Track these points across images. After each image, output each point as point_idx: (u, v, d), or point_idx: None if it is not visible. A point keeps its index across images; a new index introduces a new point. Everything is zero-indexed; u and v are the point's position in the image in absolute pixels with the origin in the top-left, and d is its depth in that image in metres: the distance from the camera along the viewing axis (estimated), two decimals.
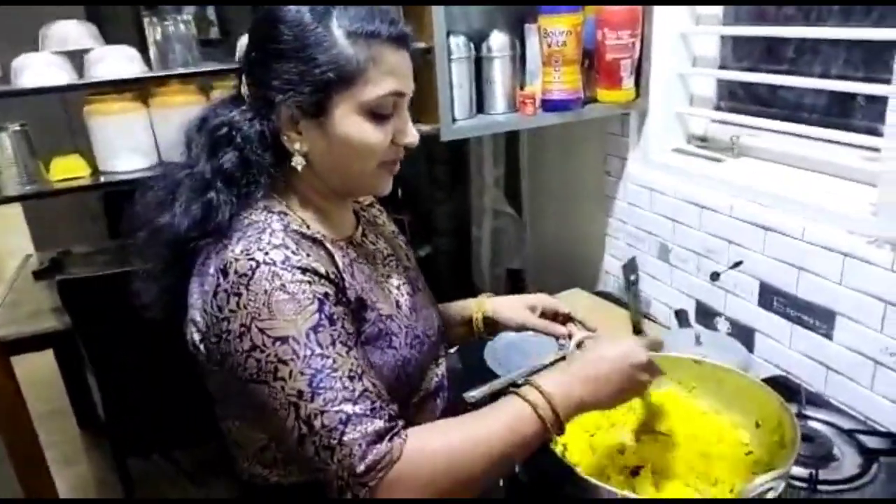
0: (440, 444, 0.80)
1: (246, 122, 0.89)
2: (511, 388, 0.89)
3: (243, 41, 1.56)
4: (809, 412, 1.22)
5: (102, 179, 1.42)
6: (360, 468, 0.75)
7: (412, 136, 0.92)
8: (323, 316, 0.80)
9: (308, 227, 0.90)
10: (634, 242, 1.83)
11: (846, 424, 1.20)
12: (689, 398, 1.13)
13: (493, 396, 1.30)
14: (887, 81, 1.25)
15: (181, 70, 1.42)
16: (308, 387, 0.77)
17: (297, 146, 0.88)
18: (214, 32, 2.77)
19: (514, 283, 2.42)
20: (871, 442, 1.14)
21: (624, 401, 0.93)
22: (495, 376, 1.38)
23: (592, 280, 2.04)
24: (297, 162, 0.89)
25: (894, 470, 1.09)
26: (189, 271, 0.88)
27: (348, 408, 0.77)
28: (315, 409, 0.76)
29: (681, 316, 1.65)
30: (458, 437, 0.81)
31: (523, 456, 0.84)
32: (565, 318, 1.17)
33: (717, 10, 1.61)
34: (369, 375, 0.82)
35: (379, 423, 0.77)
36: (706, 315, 1.62)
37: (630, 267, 1.11)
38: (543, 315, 1.17)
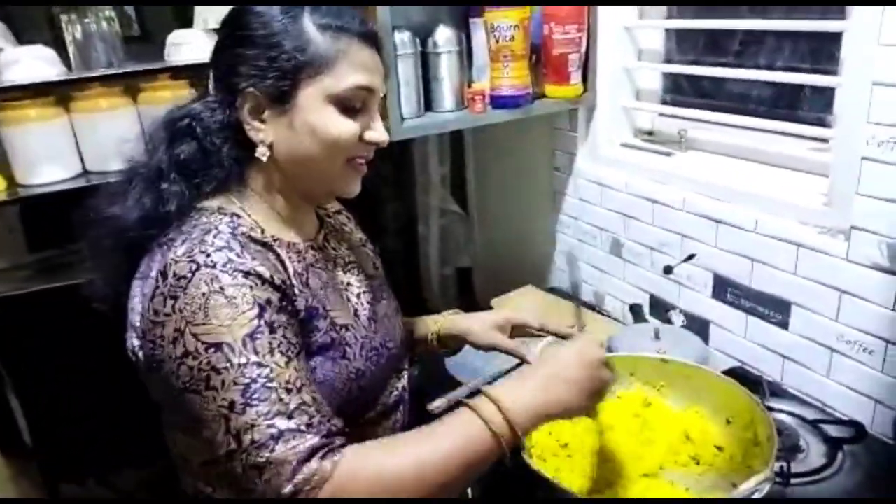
0: (381, 464, 0.75)
1: (208, 112, 0.88)
2: (463, 399, 0.83)
3: (171, 38, 1.46)
4: (772, 403, 1.23)
5: (21, 193, 1.30)
6: (287, 489, 0.70)
7: (382, 133, 0.90)
8: (262, 322, 0.76)
9: (262, 230, 0.87)
10: (586, 238, 1.82)
11: (806, 413, 1.22)
12: (657, 397, 1.12)
13: (458, 405, 1.27)
14: (834, 72, 1.27)
15: (105, 71, 1.30)
16: (241, 397, 0.72)
17: (261, 136, 0.86)
18: (135, 30, 2.63)
19: (463, 282, 2.39)
20: (833, 430, 1.16)
21: (592, 402, 0.88)
22: (458, 383, 1.36)
23: (543, 277, 2.03)
24: (261, 153, 0.87)
25: (858, 458, 1.11)
26: (136, 265, 0.85)
27: (281, 423, 0.72)
28: (245, 422, 0.72)
29: (636, 310, 1.65)
30: (402, 457, 0.76)
31: (476, 474, 0.79)
32: (538, 330, 1.14)
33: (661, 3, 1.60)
34: (310, 389, 0.77)
35: (314, 440, 0.73)
36: (660, 309, 1.62)
37: (569, 261, 1.08)
38: (515, 329, 1.14)
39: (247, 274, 0.77)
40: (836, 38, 1.26)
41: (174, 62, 1.42)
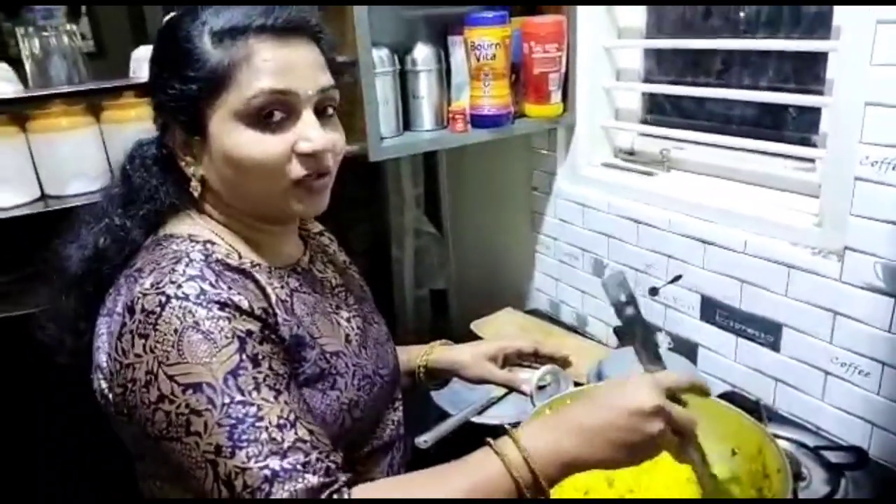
0: None
1: (144, 148, 0.84)
2: (487, 438, 0.76)
3: (136, 53, 1.38)
4: (770, 429, 1.19)
5: None
6: None
7: (311, 141, 0.77)
8: (244, 357, 0.69)
9: (239, 255, 0.80)
10: (567, 259, 1.78)
11: (804, 439, 1.19)
12: None
13: (447, 439, 1.21)
14: (819, 92, 1.26)
15: (67, 88, 1.22)
16: (228, 440, 0.66)
17: (191, 170, 0.80)
18: (89, 46, 2.54)
19: (438, 305, 2.34)
20: (833, 457, 1.13)
21: (636, 459, 0.74)
22: (445, 415, 1.30)
23: (522, 299, 1.99)
24: (193, 188, 0.80)
25: (861, 485, 1.08)
26: (91, 304, 0.79)
27: (275, 463, 0.66)
28: (235, 466, 0.65)
29: (620, 333, 1.61)
30: (416, 497, 0.70)
31: None
32: (531, 357, 1.09)
33: (640, 22, 1.59)
34: (305, 422, 0.71)
35: (312, 480, 0.66)
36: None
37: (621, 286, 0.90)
38: (507, 359, 1.09)
39: (223, 305, 0.71)
40: (820, 57, 1.25)
41: (140, 79, 1.34)
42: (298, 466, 0.67)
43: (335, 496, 0.67)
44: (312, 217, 0.89)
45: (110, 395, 0.75)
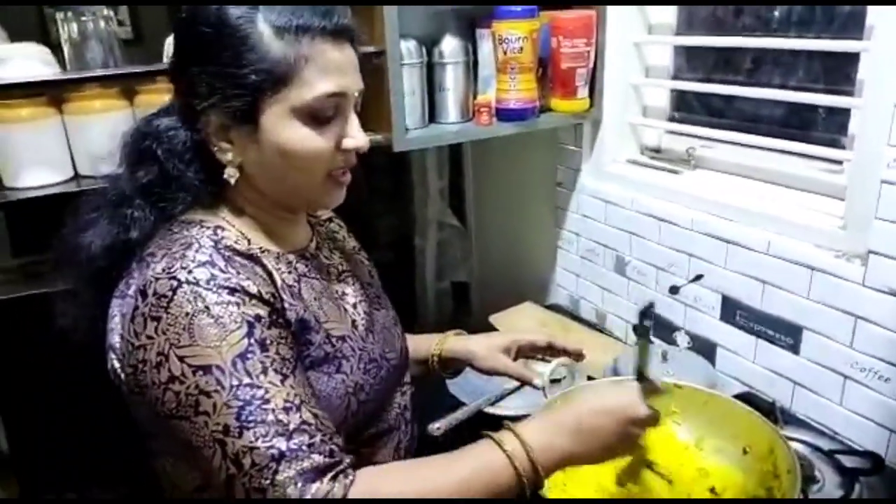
0: (393, 491, 0.72)
1: (170, 133, 0.81)
2: (485, 431, 0.80)
3: (170, 41, 1.42)
4: (786, 432, 1.19)
5: (8, 197, 1.24)
6: None
7: (356, 138, 0.81)
8: (252, 341, 0.71)
9: (249, 241, 0.82)
10: (589, 255, 1.78)
11: (819, 442, 1.18)
12: (667, 426, 1.07)
13: (460, 427, 1.22)
14: (849, 93, 1.25)
15: (102, 71, 1.25)
16: (235, 420, 0.68)
17: (228, 157, 0.80)
18: (126, 32, 2.59)
19: (459, 297, 2.35)
20: (849, 461, 1.12)
21: (613, 457, 0.87)
22: (458, 404, 1.31)
23: (543, 293, 1.99)
24: (230, 175, 0.80)
25: (876, 491, 1.07)
26: (111, 291, 0.79)
27: (281, 443, 0.68)
28: (243, 445, 0.68)
29: (639, 330, 1.61)
30: (417, 485, 0.73)
31: None
32: (545, 350, 1.10)
33: (671, 19, 1.58)
34: (310, 406, 0.73)
35: (318, 459, 0.69)
36: (665, 329, 1.59)
37: (646, 313, 1.06)
38: (520, 352, 1.10)
39: (232, 290, 0.73)
40: (852, 58, 1.24)
41: None
42: (304, 447, 0.69)
43: (340, 477, 0.70)
44: (332, 207, 0.91)
45: (122, 375, 0.77)
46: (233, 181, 0.81)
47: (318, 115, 0.78)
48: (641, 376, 0.91)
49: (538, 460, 0.76)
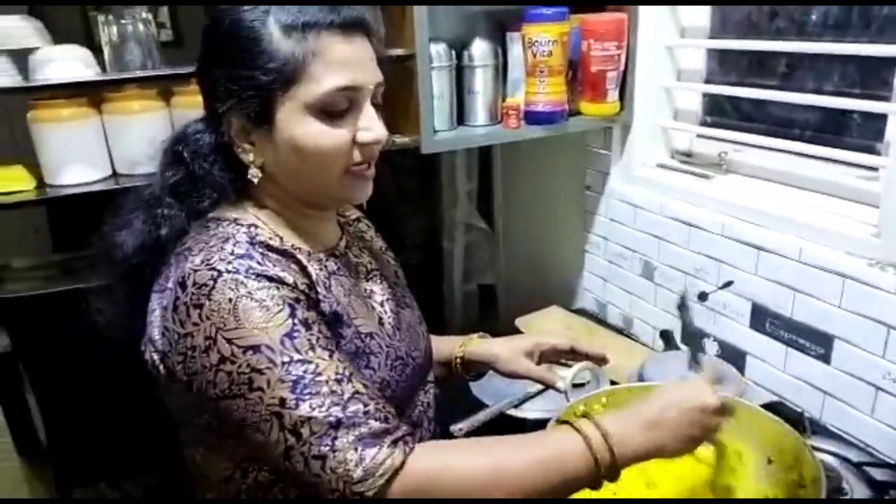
0: (463, 466, 0.73)
1: (196, 136, 0.85)
2: (562, 418, 0.82)
3: None
4: (812, 441, 1.17)
5: (49, 193, 1.28)
6: (357, 473, 0.68)
7: (373, 131, 0.81)
8: (296, 321, 0.73)
9: (281, 239, 0.83)
10: (616, 260, 1.77)
11: (849, 454, 1.16)
12: None
13: (482, 429, 1.23)
14: (886, 98, 1.22)
15: (140, 73, 1.29)
16: (291, 394, 0.70)
17: (250, 157, 0.82)
18: (167, 35, 2.64)
19: (486, 299, 2.35)
20: (879, 474, 1.10)
21: (690, 450, 0.85)
22: (481, 405, 1.32)
23: (569, 297, 1.98)
24: (253, 175, 0.83)
25: None
26: (147, 288, 0.81)
27: (338, 411, 0.70)
28: (301, 415, 0.69)
29: (666, 337, 1.60)
30: (489, 458, 0.74)
31: (564, 492, 0.76)
32: (567, 354, 1.10)
33: (704, 22, 1.57)
34: (358, 377, 0.75)
35: (375, 425, 0.71)
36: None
37: (681, 305, 1.10)
38: (543, 356, 1.10)
39: (270, 279, 0.75)
40: (889, 62, 1.21)
41: None
42: (360, 414, 0.71)
43: (399, 445, 0.71)
44: (359, 203, 0.92)
45: (162, 367, 0.79)
46: (256, 181, 0.83)
47: (330, 110, 0.79)
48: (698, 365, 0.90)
49: (616, 448, 0.76)
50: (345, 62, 0.78)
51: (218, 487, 0.83)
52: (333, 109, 0.79)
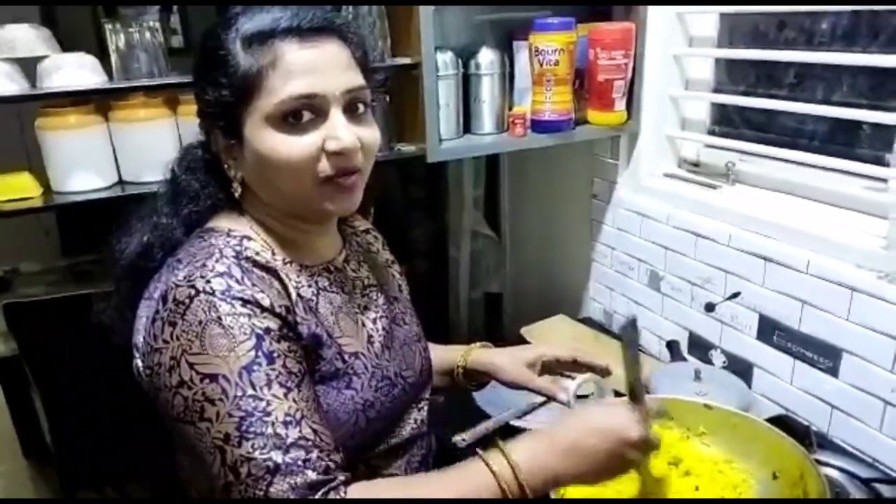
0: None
1: (195, 150, 0.88)
2: (477, 449, 0.80)
3: None
4: (819, 456, 1.15)
5: (55, 200, 1.29)
6: None
7: (340, 140, 0.78)
8: (260, 353, 0.73)
9: (273, 252, 0.84)
10: (623, 269, 1.76)
11: (856, 469, 1.14)
12: (695, 447, 1.05)
13: (485, 440, 1.22)
14: (895, 109, 1.21)
15: (146, 81, 1.29)
16: (236, 430, 0.70)
17: (231, 172, 0.84)
18: (178, 41, 2.65)
19: (492, 308, 2.35)
20: (887, 491, 1.08)
21: (608, 478, 0.83)
22: (484, 416, 1.31)
23: (575, 306, 1.97)
24: (235, 189, 0.85)
25: None
26: (141, 297, 0.83)
27: (277, 456, 0.70)
28: (241, 455, 0.70)
29: (673, 348, 1.59)
30: (407, 497, 0.74)
31: None
32: (570, 365, 1.09)
33: (712, 31, 1.56)
34: (312, 421, 0.74)
35: (311, 475, 0.71)
36: (699, 347, 1.56)
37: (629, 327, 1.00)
38: (545, 367, 1.09)
39: (245, 302, 0.75)
40: None
41: None
42: (299, 462, 0.71)
43: (332, 493, 0.71)
44: (344, 215, 0.92)
45: (143, 374, 0.81)
46: (237, 194, 0.85)
47: (291, 122, 0.77)
48: (633, 395, 0.84)
49: (525, 480, 0.75)
50: (305, 69, 0.77)
51: (206, 493, 0.83)
52: (294, 120, 0.77)
